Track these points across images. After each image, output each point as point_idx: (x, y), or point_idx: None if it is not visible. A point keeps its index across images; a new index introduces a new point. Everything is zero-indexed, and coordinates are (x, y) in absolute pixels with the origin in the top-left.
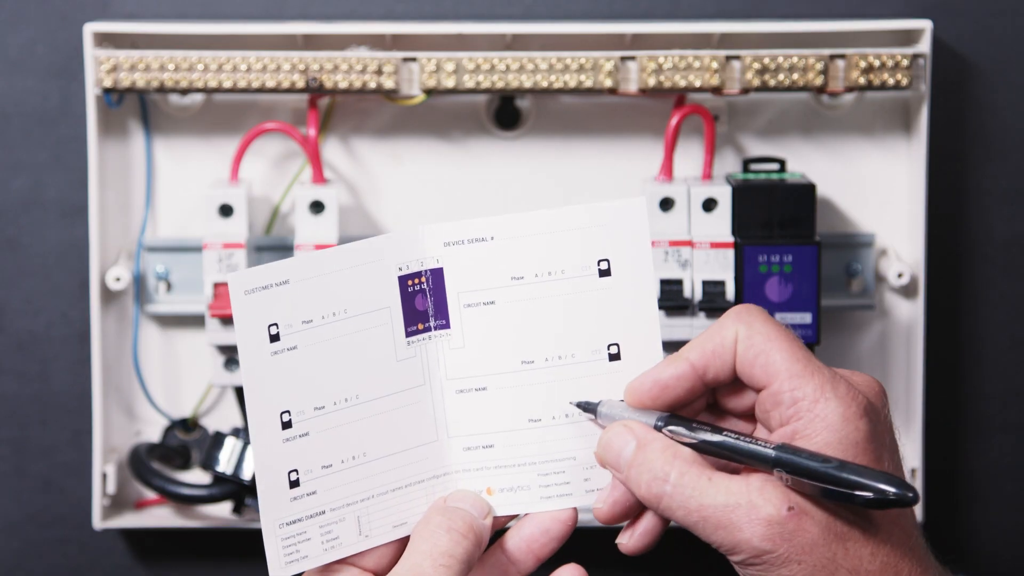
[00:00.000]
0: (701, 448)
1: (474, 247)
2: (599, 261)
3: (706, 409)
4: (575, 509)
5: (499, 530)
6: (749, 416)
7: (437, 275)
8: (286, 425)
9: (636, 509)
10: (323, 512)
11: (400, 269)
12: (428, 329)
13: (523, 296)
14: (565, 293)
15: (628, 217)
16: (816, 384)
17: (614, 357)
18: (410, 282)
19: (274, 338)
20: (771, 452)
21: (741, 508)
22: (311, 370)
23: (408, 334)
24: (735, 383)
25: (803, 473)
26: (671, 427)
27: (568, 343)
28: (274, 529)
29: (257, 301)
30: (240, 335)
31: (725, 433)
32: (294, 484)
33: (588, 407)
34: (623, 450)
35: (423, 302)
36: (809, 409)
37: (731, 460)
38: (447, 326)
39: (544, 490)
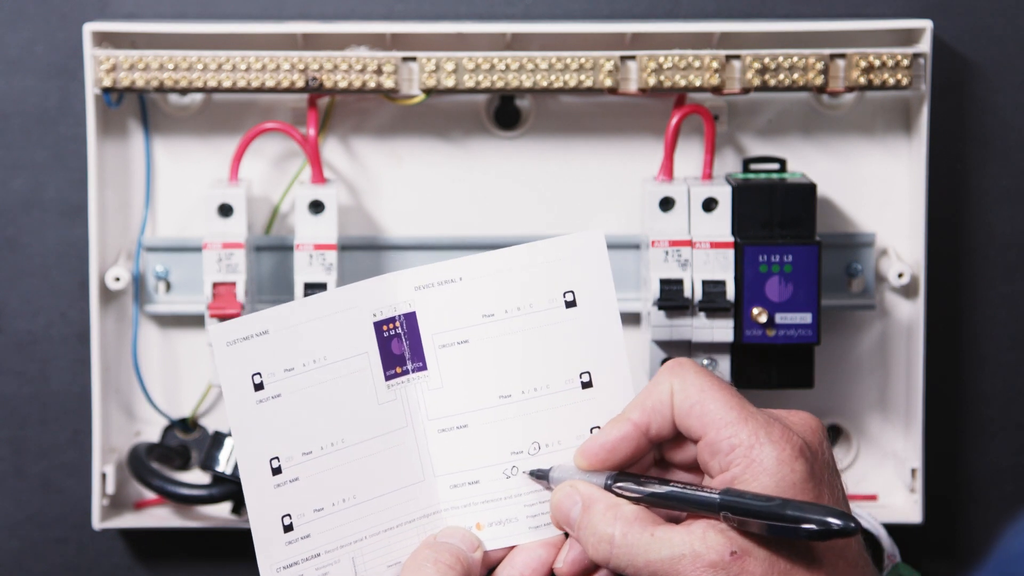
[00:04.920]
0: (650, 501)
1: (444, 289)
2: (564, 293)
3: (654, 464)
4: (564, 535)
5: (492, 567)
6: (695, 468)
7: (411, 319)
8: (276, 471)
9: (595, 567)
10: (318, 555)
11: (375, 315)
12: (406, 372)
13: (495, 333)
14: (535, 327)
15: (588, 248)
16: (750, 430)
17: (587, 385)
18: (385, 327)
19: (258, 387)
20: (716, 497)
21: (686, 558)
22: (296, 417)
23: (387, 378)
24: (678, 437)
25: (749, 513)
26: (620, 483)
27: (542, 375)
28: (272, 573)
29: (239, 352)
30: (225, 386)
31: (672, 484)
32: (288, 528)
33: (540, 474)
34: (571, 511)
35: (399, 346)
36: (745, 455)
37: (680, 510)
38: (424, 368)
39: (532, 520)
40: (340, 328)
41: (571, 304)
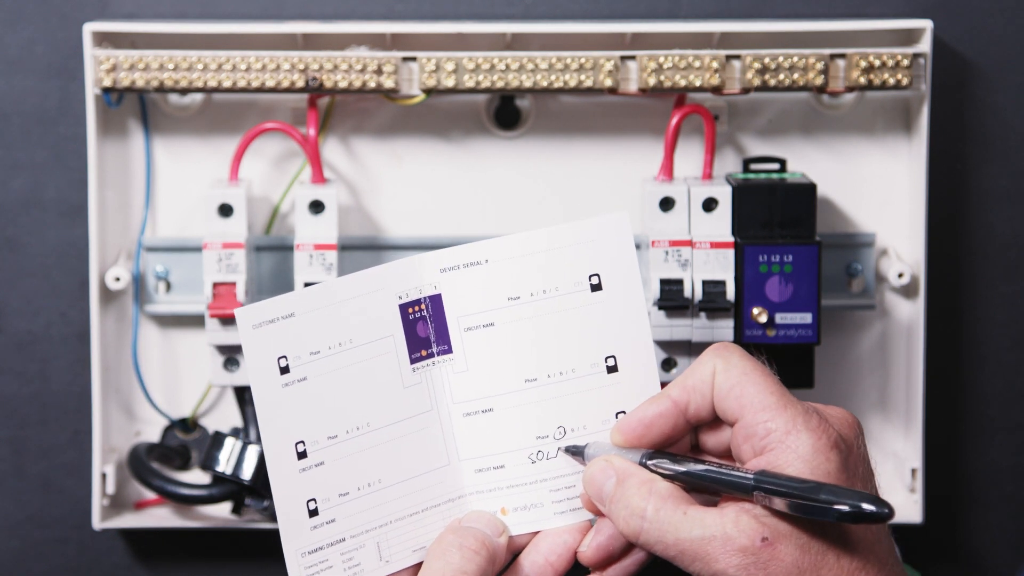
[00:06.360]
0: (685, 479)
1: (469, 271)
2: (590, 276)
3: (689, 450)
4: (589, 521)
5: (517, 552)
6: (727, 455)
7: (436, 301)
8: (301, 455)
9: (619, 553)
10: (343, 539)
11: (400, 297)
12: (431, 355)
13: (520, 316)
14: (560, 310)
15: (613, 231)
16: (788, 417)
17: (612, 369)
18: (411, 310)
19: (284, 370)
20: (751, 477)
21: (716, 540)
22: (322, 400)
23: (412, 361)
24: (714, 421)
25: (782, 493)
26: (655, 460)
27: (567, 359)
28: (297, 558)
29: (265, 335)
30: (251, 369)
31: (708, 464)
32: (313, 513)
33: (576, 451)
34: (604, 485)
35: (424, 329)
36: (781, 440)
37: (713, 490)
38: (449, 351)
39: (557, 505)
40: (366, 311)
41: (596, 287)
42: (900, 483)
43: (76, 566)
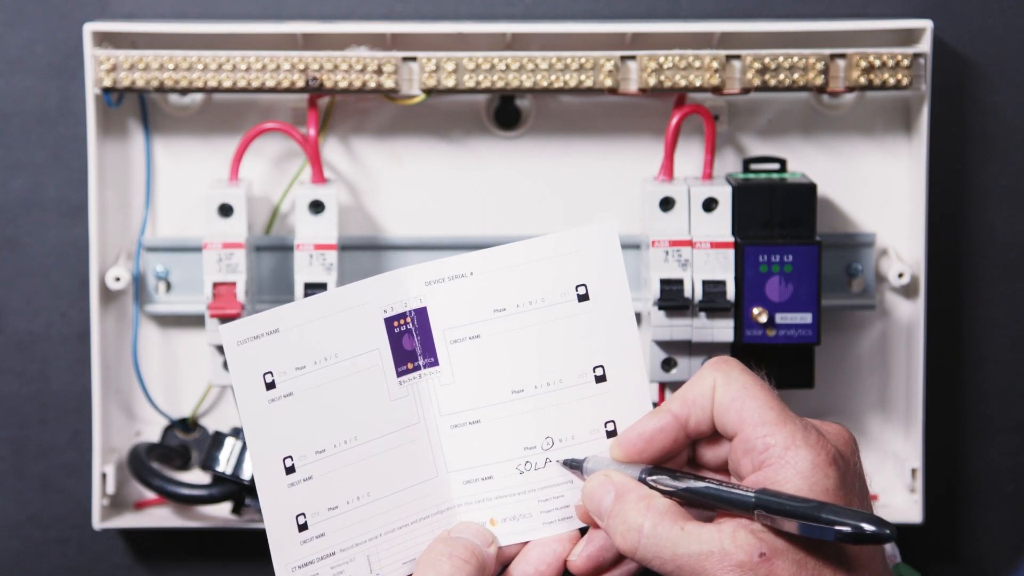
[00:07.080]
0: (684, 496)
1: (455, 284)
2: (577, 287)
3: (687, 464)
4: (579, 530)
5: (506, 563)
6: (725, 470)
7: (421, 314)
8: (290, 470)
9: (610, 563)
10: (333, 553)
11: (385, 311)
12: (418, 368)
13: (507, 327)
14: (547, 321)
15: (601, 241)
16: (788, 432)
17: (600, 379)
18: (396, 323)
19: (270, 386)
20: (751, 495)
21: (714, 556)
22: (309, 415)
23: (399, 374)
24: (713, 435)
25: (784, 513)
26: (655, 476)
27: (555, 369)
28: (287, 573)
29: (250, 351)
30: (237, 385)
31: (707, 481)
32: (303, 528)
33: (574, 464)
34: (603, 500)
35: (410, 342)
36: (780, 456)
37: (713, 507)
38: (436, 363)
39: (546, 515)
40: (351, 325)
41: (584, 298)
42: (900, 483)
43: (76, 566)
